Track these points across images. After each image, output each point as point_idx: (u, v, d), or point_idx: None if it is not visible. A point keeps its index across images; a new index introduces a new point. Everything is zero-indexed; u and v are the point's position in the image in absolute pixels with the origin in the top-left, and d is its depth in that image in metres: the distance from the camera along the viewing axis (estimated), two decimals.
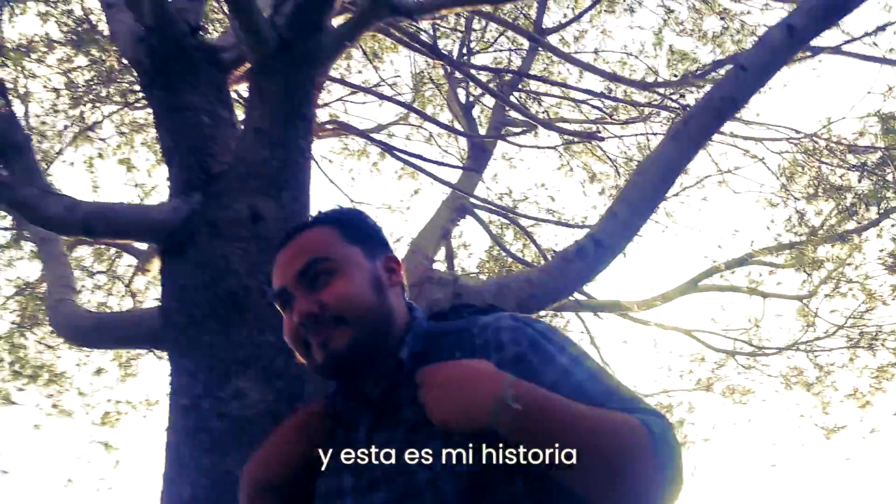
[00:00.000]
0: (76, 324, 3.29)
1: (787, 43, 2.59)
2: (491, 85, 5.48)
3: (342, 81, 6.24)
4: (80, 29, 5.14)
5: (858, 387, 5.62)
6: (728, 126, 5.05)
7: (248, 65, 4.05)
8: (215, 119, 3.66)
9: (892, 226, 5.08)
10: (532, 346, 1.11)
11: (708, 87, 4.51)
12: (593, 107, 6.40)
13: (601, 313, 5.41)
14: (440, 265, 5.96)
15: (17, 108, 5.99)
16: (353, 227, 1.28)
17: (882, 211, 4.86)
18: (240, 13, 3.13)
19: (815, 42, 2.99)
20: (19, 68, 6.02)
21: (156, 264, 5.19)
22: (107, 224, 3.04)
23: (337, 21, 4.01)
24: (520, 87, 6.46)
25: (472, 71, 5.20)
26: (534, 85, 6.70)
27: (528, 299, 2.97)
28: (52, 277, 3.70)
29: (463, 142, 6.95)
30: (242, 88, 4.63)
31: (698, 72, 3.94)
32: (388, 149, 4.42)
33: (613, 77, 4.34)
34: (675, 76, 6.28)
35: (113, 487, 7.19)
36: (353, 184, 8.84)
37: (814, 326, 5.75)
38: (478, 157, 5.79)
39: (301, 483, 1.16)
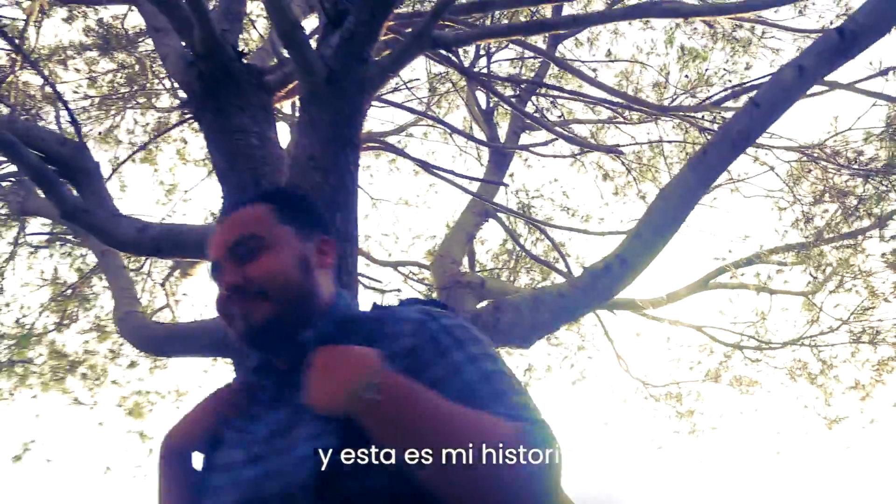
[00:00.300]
0: (148, 334, 3.59)
1: (798, 82, 2.85)
2: (507, 93, 5.72)
3: None
4: (113, 40, 5.37)
5: (860, 379, 5.94)
6: None
7: (291, 86, 4.34)
8: (264, 140, 3.95)
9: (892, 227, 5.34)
10: (429, 340, 1.10)
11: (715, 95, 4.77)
12: (606, 107, 6.64)
13: (616, 310, 5.70)
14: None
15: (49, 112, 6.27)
16: (290, 207, 1.33)
17: (883, 214, 5.13)
18: (292, 47, 3.38)
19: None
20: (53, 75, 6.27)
21: (198, 269, 5.45)
22: (174, 245, 3.34)
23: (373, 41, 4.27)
24: (536, 91, 6.66)
25: (487, 78, 5.43)
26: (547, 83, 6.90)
27: (560, 311, 3.26)
28: (116, 289, 3.99)
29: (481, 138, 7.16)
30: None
31: (714, 98, 4.17)
32: (424, 165, 4.69)
33: (634, 100, 4.55)
34: (687, 76, 6.52)
35: (148, 475, 7.55)
36: (371, 180, 9.06)
37: (818, 322, 6.05)
38: (498, 160, 6.05)
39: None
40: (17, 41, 4.16)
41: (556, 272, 6.25)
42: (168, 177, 6.82)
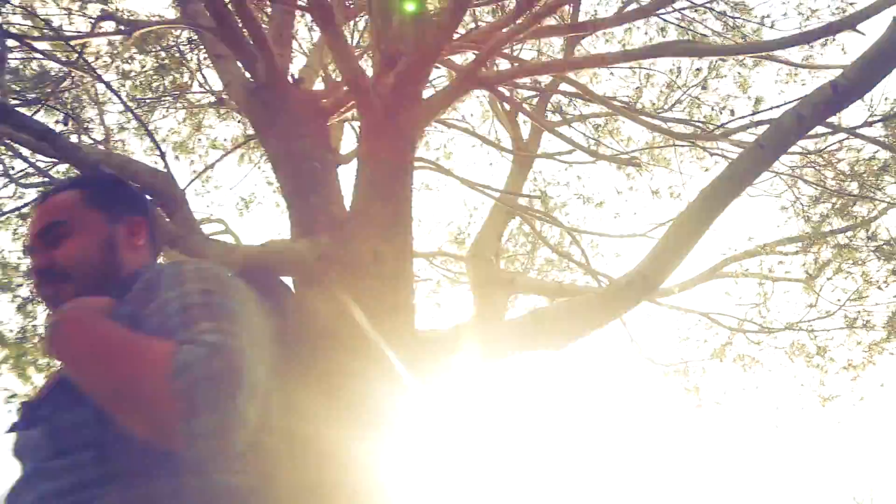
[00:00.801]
0: None
1: (797, 128, 3.32)
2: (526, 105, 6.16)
3: None
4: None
5: (852, 360, 6.50)
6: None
7: (344, 109, 4.80)
8: (324, 164, 4.43)
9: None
10: (160, 278, 1.19)
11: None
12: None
13: None
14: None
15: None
16: (99, 192, 1.40)
17: (876, 210, 5.62)
18: (356, 91, 3.87)
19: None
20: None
21: None
22: (258, 264, 3.87)
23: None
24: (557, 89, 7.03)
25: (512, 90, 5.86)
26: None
27: (591, 320, 3.80)
28: None
29: (503, 133, 7.59)
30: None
31: (730, 122, 4.60)
32: (470, 183, 5.16)
33: (655, 127, 4.97)
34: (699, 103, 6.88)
35: None
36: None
37: (816, 306, 6.59)
38: (524, 161, 6.52)
39: None
40: (99, 75, 4.62)
41: (571, 261, 6.78)
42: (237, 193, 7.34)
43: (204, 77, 6.01)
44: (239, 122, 6.22)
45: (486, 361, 3.83)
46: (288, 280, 4.04)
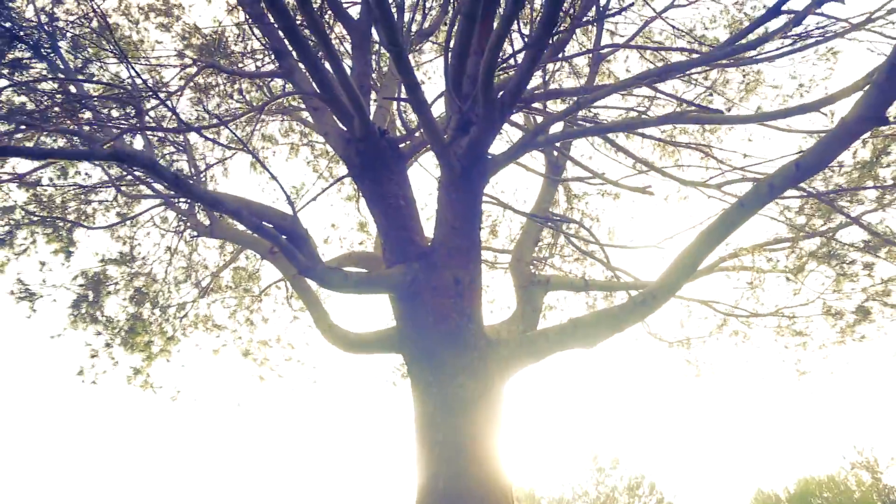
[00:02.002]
0: (348, 339, 5.53)
1: (769, 195, 4.55)
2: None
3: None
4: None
5: (825, 342, 7.80)
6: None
7: (419, 153, 6.02)
8: (407, 201, 5.69)
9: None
10: None
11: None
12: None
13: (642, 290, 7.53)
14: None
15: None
16: None
17: (851, 217, 6.81)
18: (441, 157, 5.09)
19: None
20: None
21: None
22: (369, 286, 5.18)
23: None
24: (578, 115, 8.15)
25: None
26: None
27: (615, 325, 5.12)
28: (314, 312, 5.92)
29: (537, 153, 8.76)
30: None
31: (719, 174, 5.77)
32: (522, 212, 6.38)
33: (669, 175, 6.16)
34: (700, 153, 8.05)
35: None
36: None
37: (799, 294, 7.85)
38: (554, 170, 7.73)
39: None
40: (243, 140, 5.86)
41: (595, 262, 8.08)
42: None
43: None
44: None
45: (539, 358, 5.18)
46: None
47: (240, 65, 7.50)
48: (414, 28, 7.79)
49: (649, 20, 5.82)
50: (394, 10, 7.11)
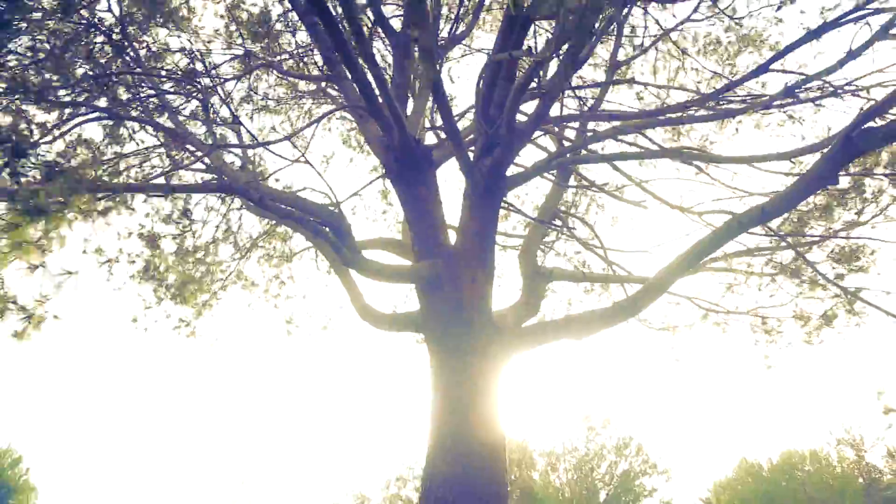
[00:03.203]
0: (378, 317, 6.60)
1: (738, 231, 5.49)
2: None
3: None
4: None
5: (794, 340, 8.80)
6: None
7: (447, 161, 6.93)
8: (435, 205, 6.64)
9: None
10: None
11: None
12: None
13: (634, 283, 8.51)
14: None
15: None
16: None
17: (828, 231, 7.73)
18: (469, 177, 6.02)
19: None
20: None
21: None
22: (400, 277, 6.19)
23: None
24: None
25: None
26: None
27: (607, 320, 6.13)
28: (351, 292, 6.96)
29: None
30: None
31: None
32: (533, 219, 7.30)
33: (663, 201, 7.05)
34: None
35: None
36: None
37: (775, 295, 8.82)
38: (563, 177, 8.62)
39: None
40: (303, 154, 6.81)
41: (594, 255, 9.07)
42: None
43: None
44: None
45: (536, 345, 6.22)
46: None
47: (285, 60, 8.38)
48: (445, 33, 8.55)
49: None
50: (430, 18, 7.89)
